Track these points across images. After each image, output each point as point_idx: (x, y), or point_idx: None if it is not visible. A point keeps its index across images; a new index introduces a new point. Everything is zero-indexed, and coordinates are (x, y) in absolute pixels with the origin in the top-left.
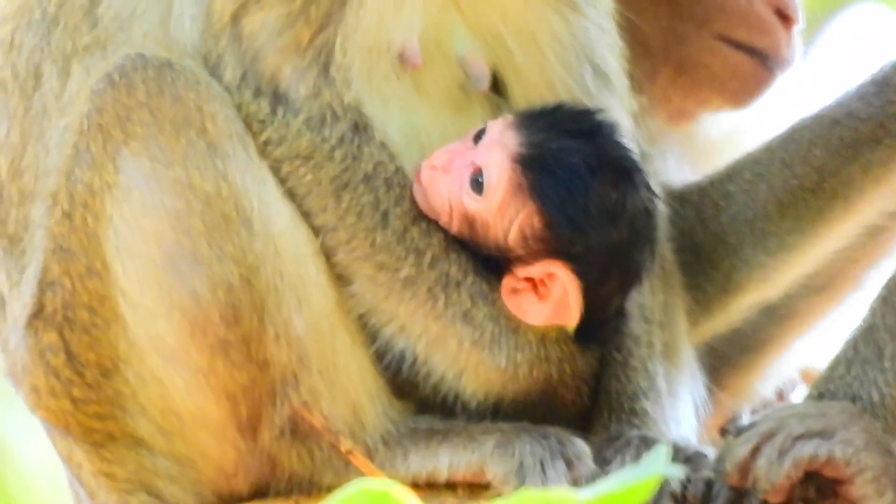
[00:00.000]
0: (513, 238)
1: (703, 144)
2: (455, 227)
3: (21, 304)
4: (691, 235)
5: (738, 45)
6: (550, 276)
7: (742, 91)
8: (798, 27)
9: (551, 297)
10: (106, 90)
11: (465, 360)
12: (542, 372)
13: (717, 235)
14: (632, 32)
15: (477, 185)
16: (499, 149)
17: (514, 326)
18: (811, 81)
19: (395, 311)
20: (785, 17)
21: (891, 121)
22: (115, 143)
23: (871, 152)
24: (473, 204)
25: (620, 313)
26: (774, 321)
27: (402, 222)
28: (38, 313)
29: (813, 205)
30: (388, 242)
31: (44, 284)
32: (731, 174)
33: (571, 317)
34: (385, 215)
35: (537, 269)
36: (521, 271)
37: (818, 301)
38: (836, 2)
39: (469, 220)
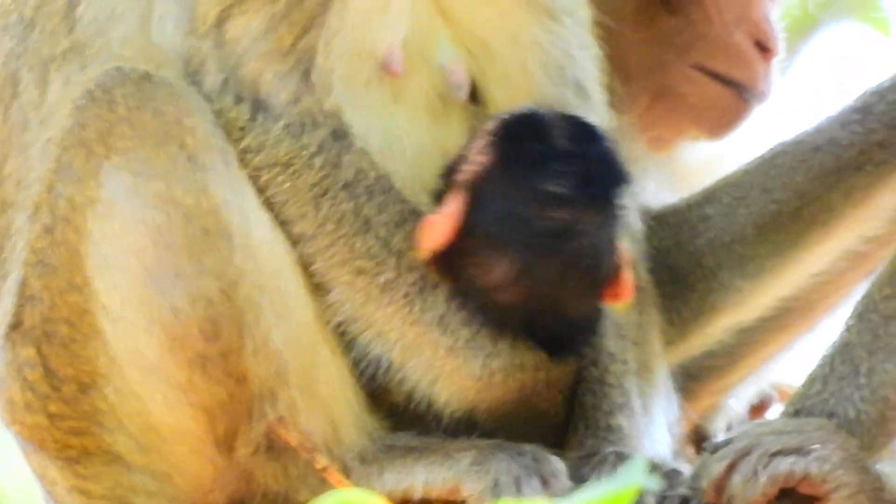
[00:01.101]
0: (464, 163)
1: (683, 169)
2: None
3: (2, 313)
4: (668, 257)
5: (716, 76)
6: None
7: (718, 122)
8: (777, 59)
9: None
10: (88, 106)
11: (440, 366)
12: (517, 380)
13: (694, 258)
14: (613, 57)
15: None
16: None
17: (490, 333)
18: (789, 102)
19: (373, 317)
20: (764, 49)
21: (872, 148)
22: (98, 159)
23: (853, 179)
24: None
25: (588, 328)
26: (746, 338)
27: (385, 228)
28: (16, 326)
29: (792, 230)
30: (368, 247)
31: (22, 298)
32: (710, 197)
33: (432, 237)
34: (366, 222)
35: (449, 198)
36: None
37: (792, 321)
38: (812, 21)
39: None
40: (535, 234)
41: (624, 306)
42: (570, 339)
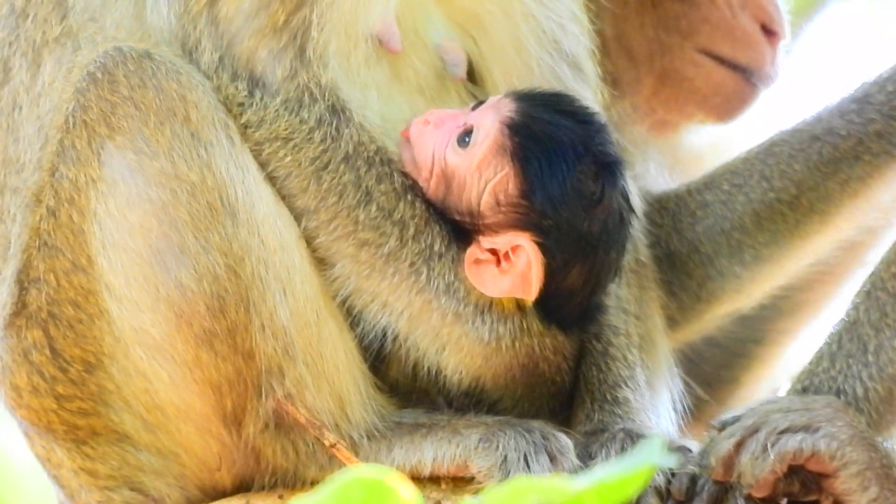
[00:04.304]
0: (486, 201)
1: (684, 154)
2: (433, 186)
3: (2, 301)
4: (667, 243)
5: (722, 61)
6: (515, 248)
7: (725, 106)
8: (783, 42)
9: (514, 269)
10: (89, 88)
11: (447, 334)
12: (524, 345)
13: (692, 244)
14: (618, 41)
15: (464, 141)
16: (493, 112)
17: (497, 298)
18: (794, 82)
19: (378, 288)
20: (770, 32)
21: (870, 138)
22: (100, 139)
23: (850, 168)
24: (455, 159)
25: (594, 306)
26: (763, 335)
27: (386, 198)
28: (19, 311)
29: (790, 218)
30: (371, 218)
31: (26, 282)
32: (709, 184)
33: (530, 291)
34: (368, 192)
35: (503, 240)
36: (487, 241)
37: (804, 315)
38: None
39: (448, 178)
40: (600, 235)
41: None
42: (589, 312)
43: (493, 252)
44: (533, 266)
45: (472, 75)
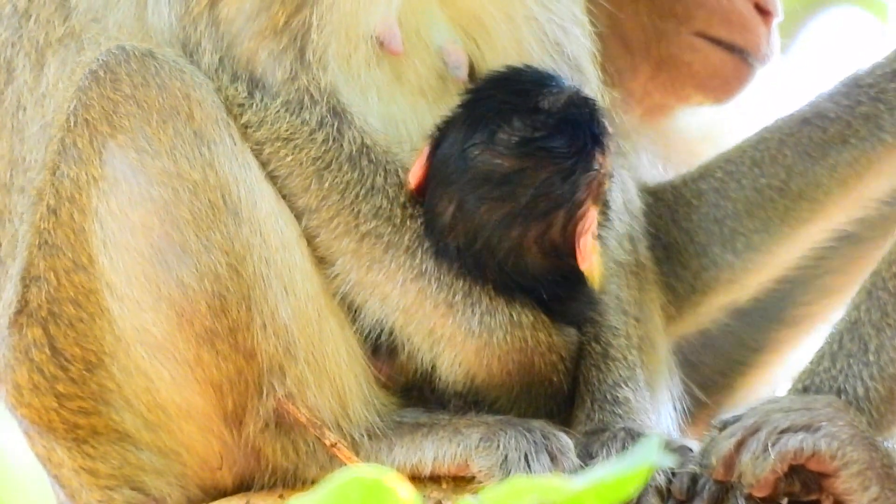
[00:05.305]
0: None
1: (677, 142)
2: None
3: (4, 302)
4: (665, 235)
5: (718, 43)
6: None
7: (723, 88)
8: (777, 20)
9: None
10: (91, 86)
11: (441, 326)
12: (517, 338)
13: (688, 234)
14: (613, 28)
15: None
16: None
17: (486, 290)
18: (788, 82)
19: (377, 279)
20: (764, 12)
21: (858, 121)
22: (102, 138)
23: (838, 153)
24: None
25: (575, 294)
26: (762, 344)
27: (393, 190)
28: (21, 309)
29: (779, 205)
30: (376, 209)
31: (28, 280)
32: (704, 173)
33: (410, 176)
34: (372, 187)
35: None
36: None
37: (805, 326)
38: (812, 5)
39: None
40: (473, 176)
41: (596, 279)
42: (558, 300)
43: None
44: (420, 156)
45: (474, 77)
